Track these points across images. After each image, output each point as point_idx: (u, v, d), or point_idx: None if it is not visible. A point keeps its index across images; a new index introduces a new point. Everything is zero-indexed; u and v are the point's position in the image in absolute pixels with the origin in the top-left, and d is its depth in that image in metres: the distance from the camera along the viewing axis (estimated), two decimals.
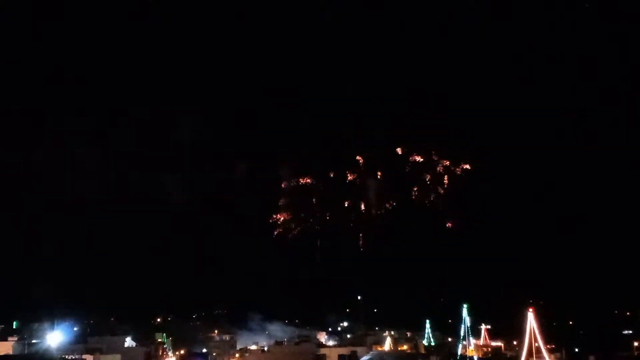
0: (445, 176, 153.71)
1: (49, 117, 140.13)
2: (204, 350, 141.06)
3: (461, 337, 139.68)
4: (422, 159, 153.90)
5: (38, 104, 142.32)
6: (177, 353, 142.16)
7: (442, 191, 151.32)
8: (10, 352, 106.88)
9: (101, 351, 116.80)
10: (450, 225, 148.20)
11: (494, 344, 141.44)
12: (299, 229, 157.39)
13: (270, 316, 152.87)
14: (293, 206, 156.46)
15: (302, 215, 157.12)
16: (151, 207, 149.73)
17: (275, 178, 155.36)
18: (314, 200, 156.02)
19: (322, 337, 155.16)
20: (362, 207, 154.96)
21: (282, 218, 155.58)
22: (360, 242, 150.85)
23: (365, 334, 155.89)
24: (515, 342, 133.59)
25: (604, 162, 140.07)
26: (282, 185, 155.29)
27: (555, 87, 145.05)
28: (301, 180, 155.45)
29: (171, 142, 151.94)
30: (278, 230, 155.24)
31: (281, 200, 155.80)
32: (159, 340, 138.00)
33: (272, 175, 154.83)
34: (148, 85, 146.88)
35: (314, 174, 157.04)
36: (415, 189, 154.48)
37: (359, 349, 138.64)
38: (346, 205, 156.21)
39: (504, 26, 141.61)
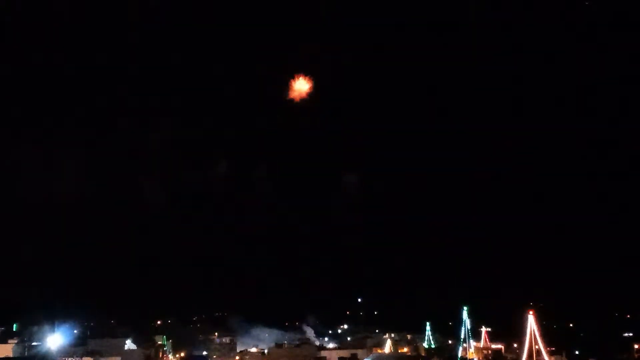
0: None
1: (38, 118, 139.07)
2: (204, 352, 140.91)
3: (461, 340, 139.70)
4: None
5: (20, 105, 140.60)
6: (177, 355, 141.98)
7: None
8: (11, 355, 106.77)
9: (101, 353, 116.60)
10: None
11: (494, 346, 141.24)
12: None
13: (269, 318, 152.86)
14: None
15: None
16: (150, 209, 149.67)
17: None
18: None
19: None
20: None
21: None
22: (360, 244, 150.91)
23: (365, 337, 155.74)
24: (515, 345, 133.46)
25: (604, 163, 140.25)
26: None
27: (555, 87, 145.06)
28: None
29: (168, 143, 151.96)
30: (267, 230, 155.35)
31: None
32: (159, 342, 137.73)
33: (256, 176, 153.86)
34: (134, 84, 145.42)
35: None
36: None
37: (359, 352, 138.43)
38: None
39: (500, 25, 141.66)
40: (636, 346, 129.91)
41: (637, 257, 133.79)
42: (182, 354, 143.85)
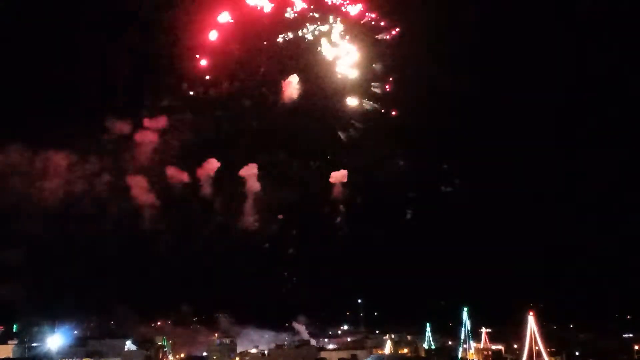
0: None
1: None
2: (205, 353, 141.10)
3: (462, 341, 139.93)
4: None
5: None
6: (177, 356, 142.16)
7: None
8: (11, 355, 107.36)
9: (101, 354, 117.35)
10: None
11: (494, 347, 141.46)
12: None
13: (263, 320, 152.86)
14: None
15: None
16: (148, 212, 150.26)
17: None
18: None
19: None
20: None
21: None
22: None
23: (365, 337, 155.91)
24: (515, 346, 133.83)
25: (605, 162, 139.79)
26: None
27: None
28: None
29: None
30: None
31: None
32: (159, 343, 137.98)
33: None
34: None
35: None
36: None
37: (359, 352, 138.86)
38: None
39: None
40: (636, 347, 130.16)
41: (637, 257, 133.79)
42: (182, 355, 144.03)
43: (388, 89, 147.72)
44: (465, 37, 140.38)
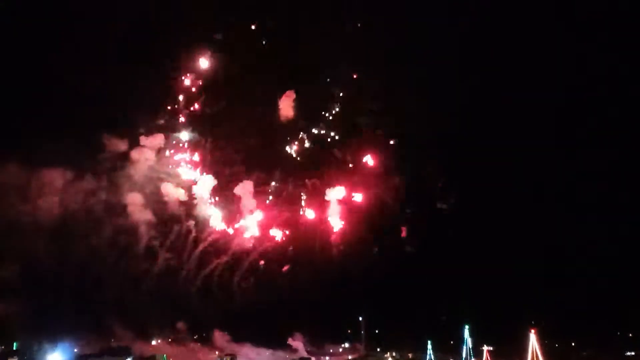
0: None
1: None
2: None
3: (463, 359, 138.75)
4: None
5: None
6: None
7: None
8: None
9: None
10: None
11: None
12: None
13: (259, 337, 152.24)
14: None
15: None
16: (145, 229, 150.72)
17: None
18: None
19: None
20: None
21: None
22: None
23: (366, 355, 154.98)
24: None
25: (600, 168, 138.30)
26: None
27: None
28: None
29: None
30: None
31: None
32: None
33: None
34: None
35: None
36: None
37: None
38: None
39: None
40: None
41: (639, 273, 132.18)
42: None
43: (383, 104, 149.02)
44: (465, 37, 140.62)
